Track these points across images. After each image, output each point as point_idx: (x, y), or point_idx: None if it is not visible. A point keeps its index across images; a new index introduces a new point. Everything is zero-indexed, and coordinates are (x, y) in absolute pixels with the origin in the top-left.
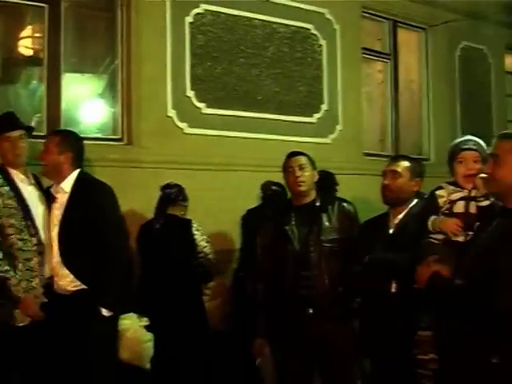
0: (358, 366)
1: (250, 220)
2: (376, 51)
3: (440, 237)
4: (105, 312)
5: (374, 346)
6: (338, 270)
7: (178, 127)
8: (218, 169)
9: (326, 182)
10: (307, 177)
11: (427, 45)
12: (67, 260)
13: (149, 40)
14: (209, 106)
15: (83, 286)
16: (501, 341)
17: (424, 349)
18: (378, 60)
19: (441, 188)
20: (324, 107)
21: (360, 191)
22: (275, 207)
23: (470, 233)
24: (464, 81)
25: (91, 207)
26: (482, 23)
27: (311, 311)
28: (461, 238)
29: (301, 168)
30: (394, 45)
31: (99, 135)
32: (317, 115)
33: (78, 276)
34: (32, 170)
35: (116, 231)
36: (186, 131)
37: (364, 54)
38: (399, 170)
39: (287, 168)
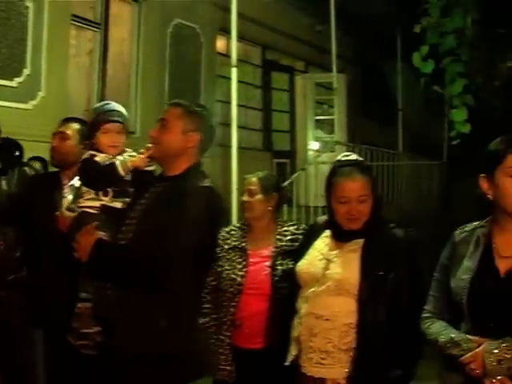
0: (32, 336)
1: None
2: (86, 19)
3: (97, 204)
4: None
5: (45, 316)
6: (15, 236)
7: None
8: None
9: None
10: None
11: (140, 18)
12: None
13: None
14: None
15: None
16: (167, 303)
17: (85, 321)
18: (89, 29)
19: (94, 156)
20: (26, 71)
21: None
22: None
23: (127, 199)
24: (175, 57)
25: None
26: (196, 2)
27: None
28: (119, 205)
29: None
30: (106, 15)
31: None
32: (18, 79)
33: None
34: None
35: None
36: None
37: (73, 21)
38: (68, 132)
39: None
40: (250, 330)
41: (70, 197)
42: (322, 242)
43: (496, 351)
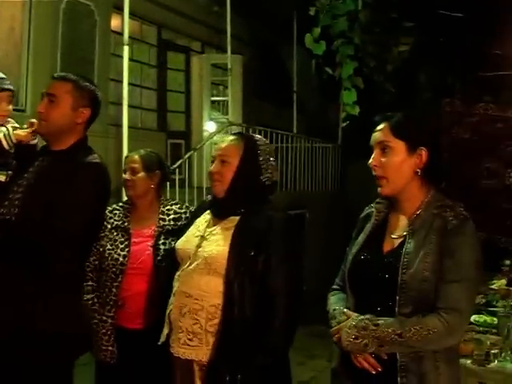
0: None
1: None
2: None
3: None
4: None
5: None
6: None
7: None
8: None
9: None
10: None
11: None
12: None
13: None
14: None
15: None
16: (51, 279)
17: None
18: None
19: None
20: None
21: None
22: None
23: (10, 172)
24: (68, 35)
25: None
26: None
27: None
28: (2, 178)
29: None
30: None
31: None
32: None
33: None
34: None
35: None
36: None
37: None
38: None
39: None
40: (132, 310)
41: None
42: (203, 219)
43: (353, 327)
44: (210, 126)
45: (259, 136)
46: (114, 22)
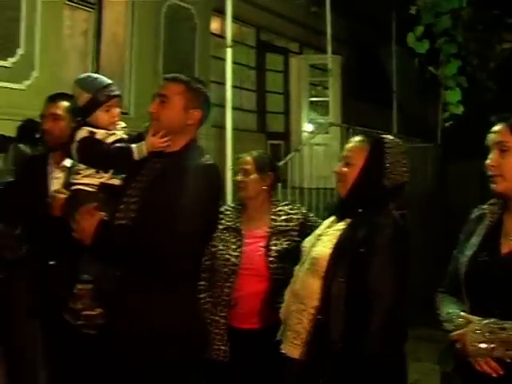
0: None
1: None
2: None
3: (95, 182)
4: None
5: (41, 308)
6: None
7: None
8: None
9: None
10: None
11: None
12: None
13: None
14: None
15: None
16: (171, 282)
17: (86, 303)
18: (83, 9)
19: (94, 133)
20: (20, 51)
21: None
22: None
23: (123, 175)
24: (169, 38)
25: None
26: None
27: None
28: (117, 182)
29: None
30: None
31: None
32: (12, 59)
33: None
34: None
35: None
36: None
37: (68, 0)
38: (59, 112)
39: None
40: (244, 311)
41: (61, 176)
42: (329, 219)
43: (479, 331)
44: (308, 127)
45: (391, 137)
46: (214, 25)
